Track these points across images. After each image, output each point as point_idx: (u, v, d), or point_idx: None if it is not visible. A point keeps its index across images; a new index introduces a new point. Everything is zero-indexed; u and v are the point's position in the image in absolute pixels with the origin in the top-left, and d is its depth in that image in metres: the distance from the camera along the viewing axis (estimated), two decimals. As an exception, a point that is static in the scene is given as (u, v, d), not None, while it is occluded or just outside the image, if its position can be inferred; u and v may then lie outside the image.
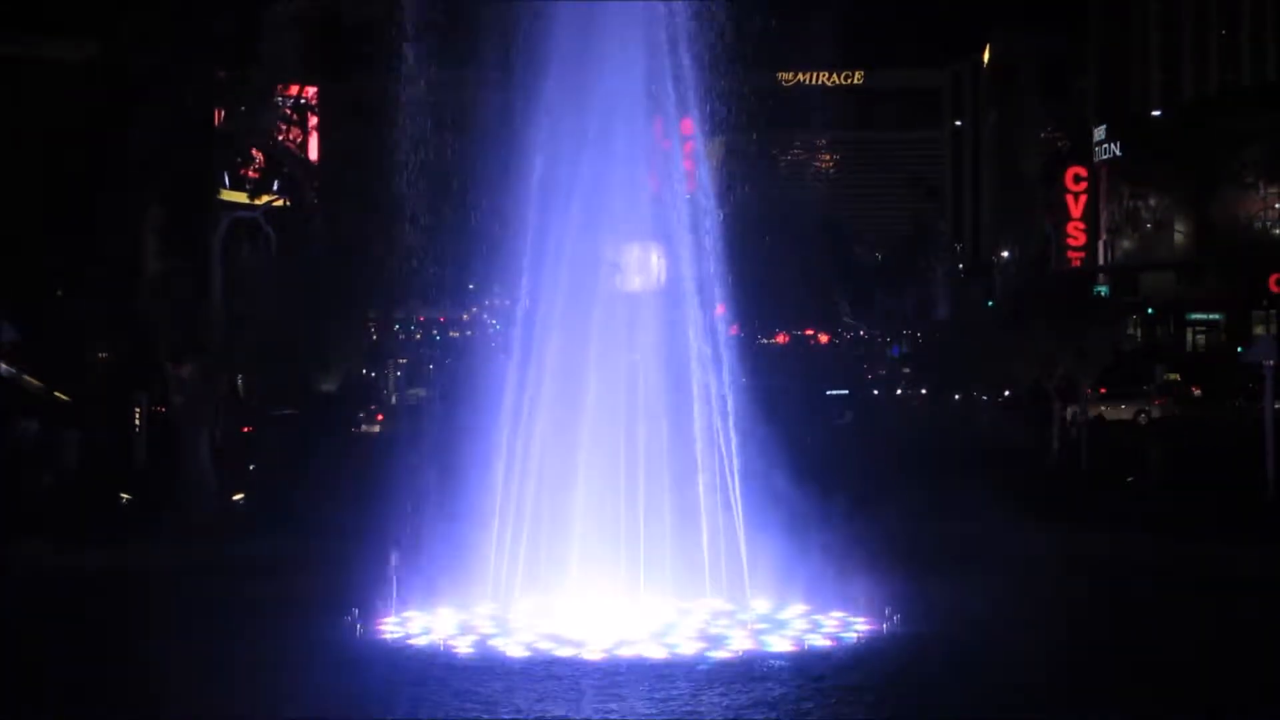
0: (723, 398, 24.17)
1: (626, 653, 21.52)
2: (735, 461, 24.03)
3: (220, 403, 39.79)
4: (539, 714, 18.40)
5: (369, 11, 39.29)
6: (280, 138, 46.64)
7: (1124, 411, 64.86)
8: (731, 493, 24.02)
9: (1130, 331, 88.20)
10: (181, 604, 24.61)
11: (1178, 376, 74.20)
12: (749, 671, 20.63)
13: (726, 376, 24.28)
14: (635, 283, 24.89)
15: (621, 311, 24.16)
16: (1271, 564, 28.29)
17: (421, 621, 23.49)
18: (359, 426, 46.72)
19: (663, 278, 24.86)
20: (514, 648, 21.83)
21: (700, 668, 20.81)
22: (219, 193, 46.51)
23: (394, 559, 23.50)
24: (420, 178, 24.74)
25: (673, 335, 24.46)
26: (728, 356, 24.41)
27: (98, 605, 25.05)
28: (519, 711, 18.49)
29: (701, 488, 24.17)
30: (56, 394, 47.99)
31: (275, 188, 47.55)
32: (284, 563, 25.88)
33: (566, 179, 24.21)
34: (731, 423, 24.12)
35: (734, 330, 25.00)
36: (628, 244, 25.00)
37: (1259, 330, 77.73)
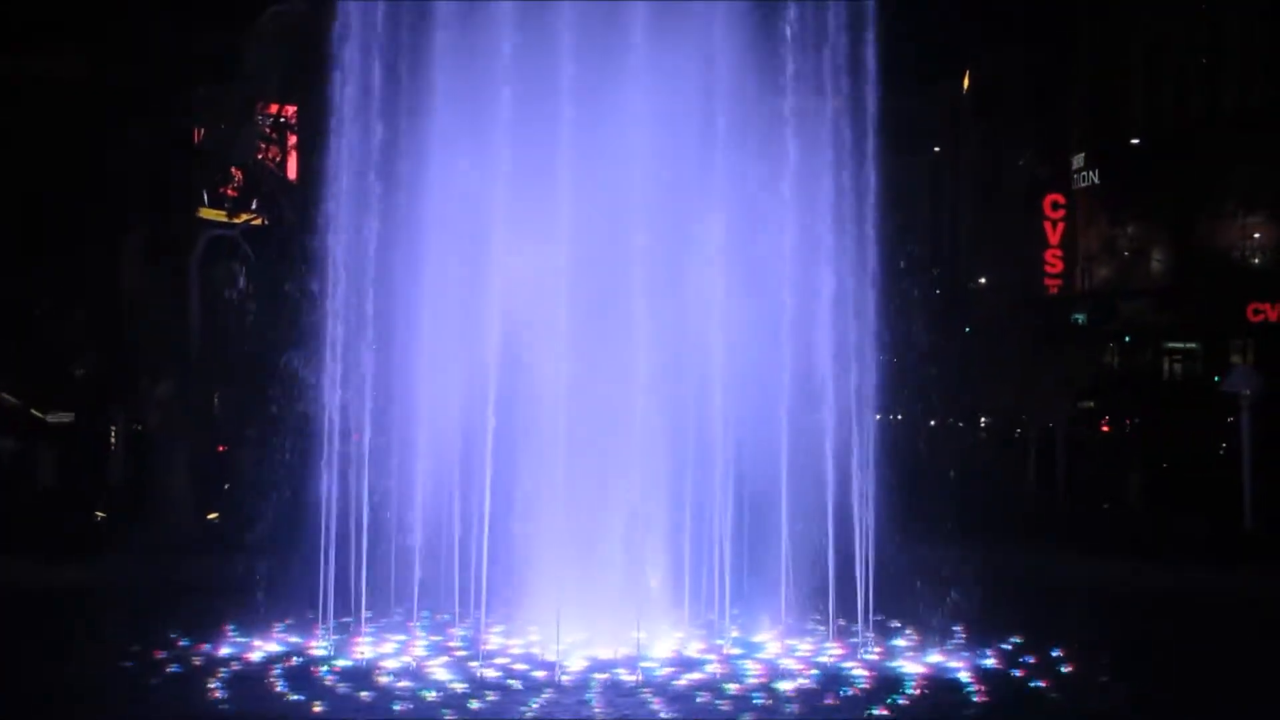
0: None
1: (599, 675, 21.55)
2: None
3: (196, 421, 39.73)
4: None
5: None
6: (260, 156, 46.56)
7: None
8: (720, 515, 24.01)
9: (1107, 359, 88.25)
10: (148, 623, 24.58)
11: (1091, 404, 72.70)
12: (721, 692, 20.69)
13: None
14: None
15: (596, 319, 24.05)
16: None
17: (394, 641, 23.52)
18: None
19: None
20: (485, 668, 21.83)
21: (672, 688, 20.86)
22: (198, 210, 46.46)
23: (366, 578, 23.51)
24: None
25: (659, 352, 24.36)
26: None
27: (66, 621, 25.04)
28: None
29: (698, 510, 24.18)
30: (34, 412, 47.87)
31: (254, 206, 47.45)
32: (256, 580, 25.84)
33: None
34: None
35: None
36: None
37: (1236, 359, 77.70)
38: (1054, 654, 23.32)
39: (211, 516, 37.54)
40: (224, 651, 23.04)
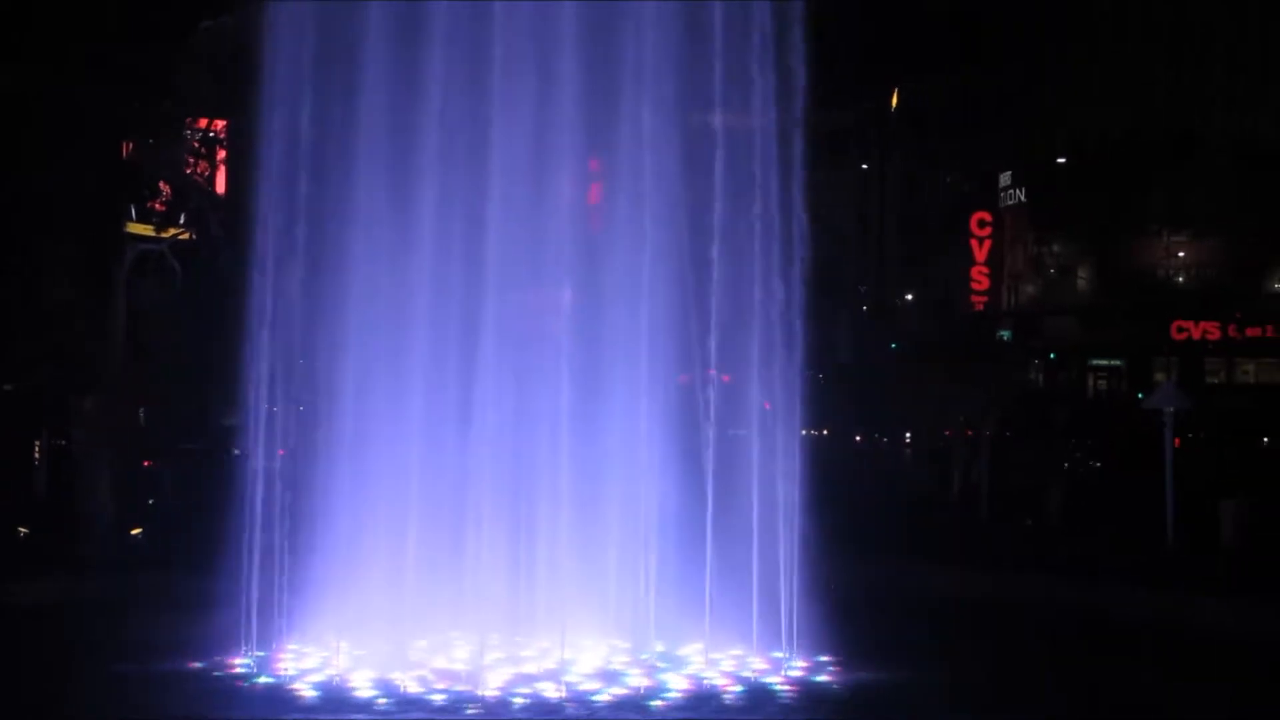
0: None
1: (523, 689, 21.59)
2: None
3: (121, 436, 39.43)
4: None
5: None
6: (188, 171, 46.29)
7: None
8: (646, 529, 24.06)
9: (1032, 376, 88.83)
10: (70, 641, 24.45)
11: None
12: (644, 708, 20.76)
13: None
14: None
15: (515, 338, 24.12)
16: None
17: (316, 657, 23.42)
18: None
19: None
20: (409, 684, 21.81)
21: (595, 704, 20.91)
22: (125, 225, 46.14)
23: (287, 594, 23.43)
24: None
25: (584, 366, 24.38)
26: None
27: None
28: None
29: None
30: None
31: (182, 221, 47.15)
32: (179, 597, 25.79)
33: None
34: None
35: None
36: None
37: (1160, 376, 78.46)
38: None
39: (135, 532, 37.33)
40: (141, 668, 22.85)
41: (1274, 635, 26.55)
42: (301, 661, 23.16)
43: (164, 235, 45.75)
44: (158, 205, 46.25)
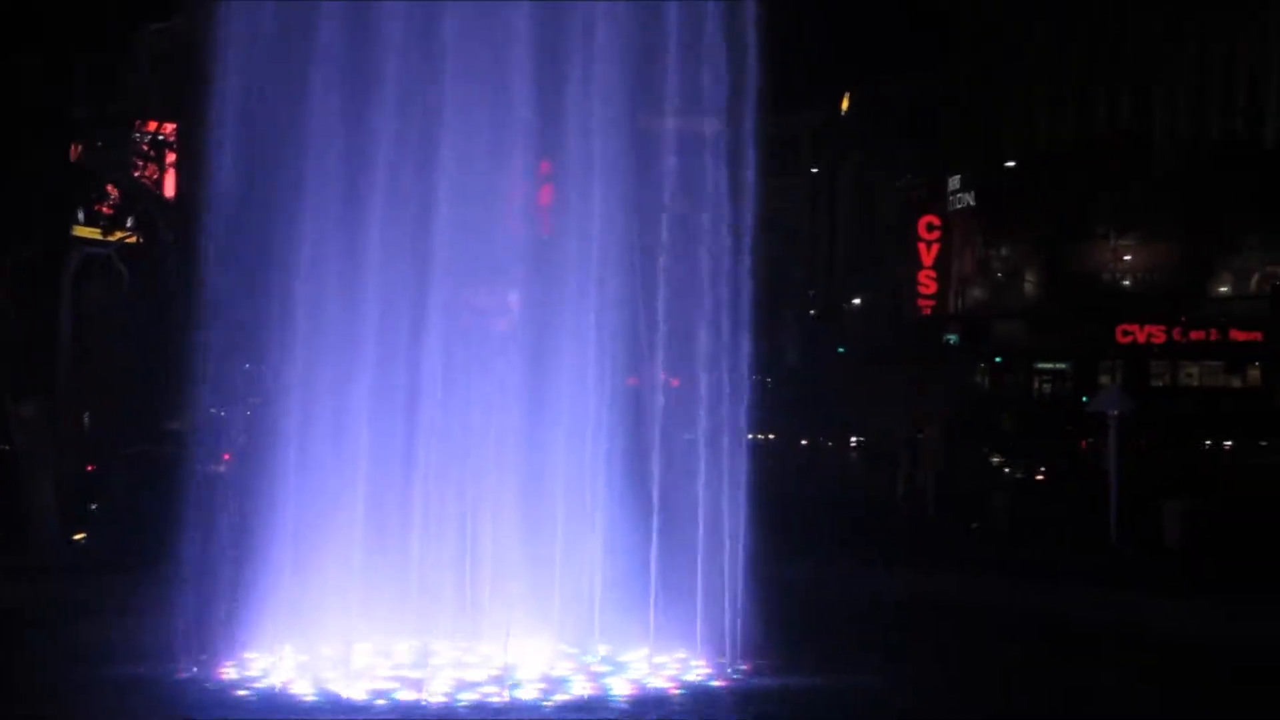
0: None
1: (468, 696, 21.56)
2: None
3: (64, 441, 39.30)
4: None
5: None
6: (137, 174, 46.14)
7: None
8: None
9: (979, 379, 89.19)
10: (7, 647, 24.30)
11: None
12: (589, 709, 20.77)
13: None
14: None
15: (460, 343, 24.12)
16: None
17: (260, 663, 23.31)
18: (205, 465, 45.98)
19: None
20: (354, 690, 21.73)
21: (542, 707, 20.92)
22: (71, 228, 45.97)
23: (232, 599, 23.32)
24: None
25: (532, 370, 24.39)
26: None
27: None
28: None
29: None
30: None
31: (130, 224, 46.97)
32: (121, 603, 25.61)
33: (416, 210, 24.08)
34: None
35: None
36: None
37: (1105, 380, 78.93)
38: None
39: (78, 537, 37.19)
40: (78, 675, 22.71)
41: (1235, 638, 26.73)
42: (245, 669, 23.06)
43: (111, 239, 45.57)
44: (105, 208, 46.10)
